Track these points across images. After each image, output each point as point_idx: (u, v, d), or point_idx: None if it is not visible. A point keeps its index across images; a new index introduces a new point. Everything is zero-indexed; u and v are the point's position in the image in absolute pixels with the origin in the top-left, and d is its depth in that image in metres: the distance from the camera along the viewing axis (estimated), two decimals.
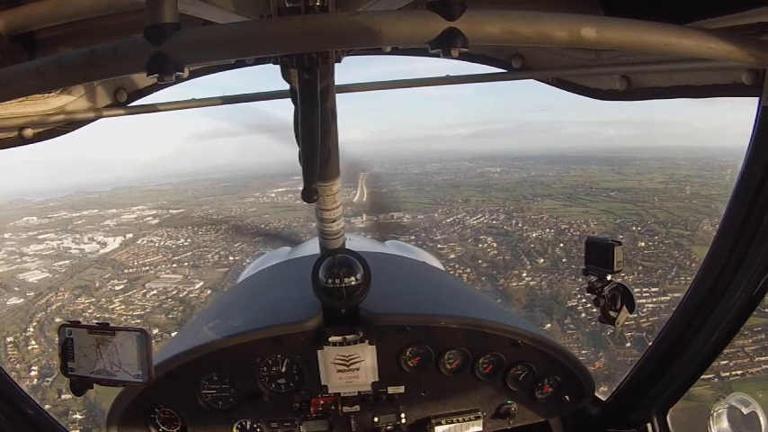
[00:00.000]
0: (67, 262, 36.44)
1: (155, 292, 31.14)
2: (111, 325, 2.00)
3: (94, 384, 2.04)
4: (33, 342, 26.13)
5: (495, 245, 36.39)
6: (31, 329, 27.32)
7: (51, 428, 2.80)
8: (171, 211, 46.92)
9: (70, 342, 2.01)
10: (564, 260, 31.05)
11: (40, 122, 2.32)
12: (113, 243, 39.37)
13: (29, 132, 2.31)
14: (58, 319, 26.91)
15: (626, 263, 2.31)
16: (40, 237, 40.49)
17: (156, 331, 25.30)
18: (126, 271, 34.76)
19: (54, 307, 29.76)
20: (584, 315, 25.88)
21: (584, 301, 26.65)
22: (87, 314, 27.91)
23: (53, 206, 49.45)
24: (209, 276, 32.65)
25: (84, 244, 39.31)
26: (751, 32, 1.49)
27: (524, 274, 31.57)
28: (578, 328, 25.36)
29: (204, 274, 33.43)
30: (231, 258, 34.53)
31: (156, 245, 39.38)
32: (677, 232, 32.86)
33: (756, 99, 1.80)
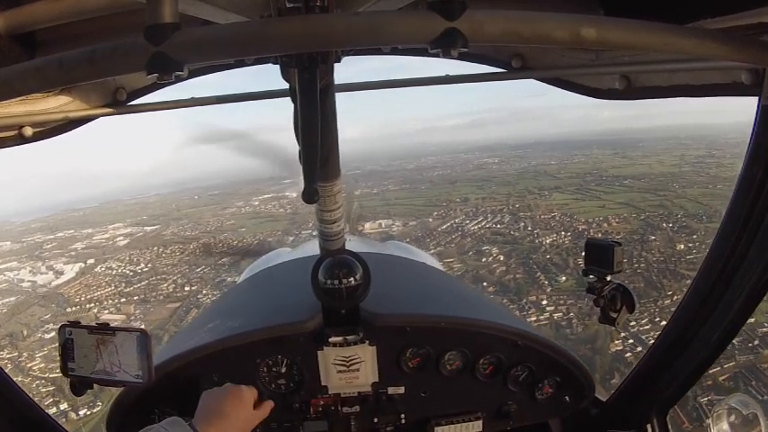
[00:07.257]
0: (13, 299, 34.21)
1: None
2: (112, 325, 2.01)
3: (94, 384, 2.05)
4: None
5: (501, 258, 30.71)
6: None
7: (51, 429, 2.79)
8: (146, 228, 44.95)
9: (70, 342, 2.01)
10: None
11: (39, 121, 2.31)
12: (70, 272, 37.73)
13: (28, 131, 2.30)
14: None
15: (669, 274, 2.28)
16: (0, 267, 38.78)
17: (64, 406, 21.72)
18: (68, 309, 32.24)
19: None
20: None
21: (631, 342, 19.30)
22: None
23: (34, 227, 47.40)
24: (156, 316, 29.91)
25: (41, 274, 37.57)
26: (751, 33, 1.49)
27: (544, 301, 25.53)
28: None
29: (151, 311, 30.71)
30: (187, 289, 31.75)
31: (114, 272, 37.06)
32: (717, 228, 26.74)
33: (756, 98, 1.80)
